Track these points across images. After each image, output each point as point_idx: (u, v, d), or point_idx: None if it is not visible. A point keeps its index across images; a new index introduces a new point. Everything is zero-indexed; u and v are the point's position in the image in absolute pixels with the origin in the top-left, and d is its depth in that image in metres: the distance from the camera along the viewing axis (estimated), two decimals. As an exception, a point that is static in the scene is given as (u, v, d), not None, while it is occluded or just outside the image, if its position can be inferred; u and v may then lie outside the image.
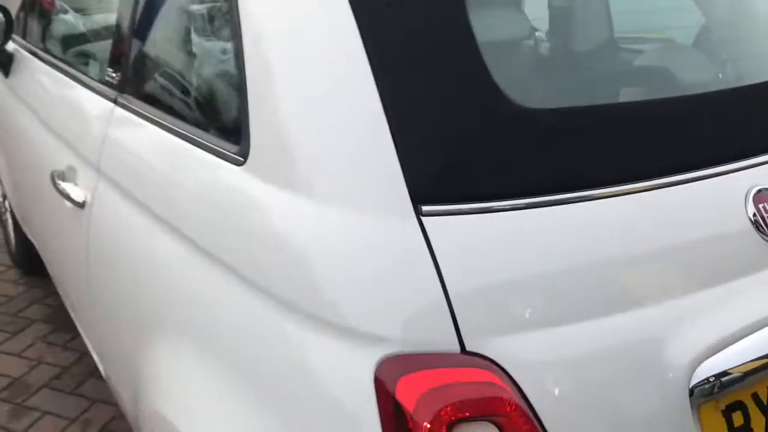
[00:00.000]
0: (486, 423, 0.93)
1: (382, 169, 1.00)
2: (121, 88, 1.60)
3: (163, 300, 1.32)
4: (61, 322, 2.84)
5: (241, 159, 1.15)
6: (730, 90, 1.41)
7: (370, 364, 0.95)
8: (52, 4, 2.38)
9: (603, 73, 1.61)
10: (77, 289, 1.86)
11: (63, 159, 1.80)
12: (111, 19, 1.81)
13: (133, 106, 1.53)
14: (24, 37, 2.48)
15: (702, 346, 1.04)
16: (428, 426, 0.90)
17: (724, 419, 1.07)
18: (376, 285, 0.98)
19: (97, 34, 2.07)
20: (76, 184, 1.70)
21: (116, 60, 1.65)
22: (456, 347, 0.95)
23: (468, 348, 0.95)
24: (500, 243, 0.99)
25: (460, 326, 0.95)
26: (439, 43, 1.05)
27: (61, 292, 2.37)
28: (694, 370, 1.03)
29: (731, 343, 1.06)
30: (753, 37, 1.59)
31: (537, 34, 1.64)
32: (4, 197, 3.15)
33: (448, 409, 0.91)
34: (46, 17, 2.45)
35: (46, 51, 2.24)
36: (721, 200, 1.15)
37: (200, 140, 1.28)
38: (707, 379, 1.04)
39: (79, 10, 2.31)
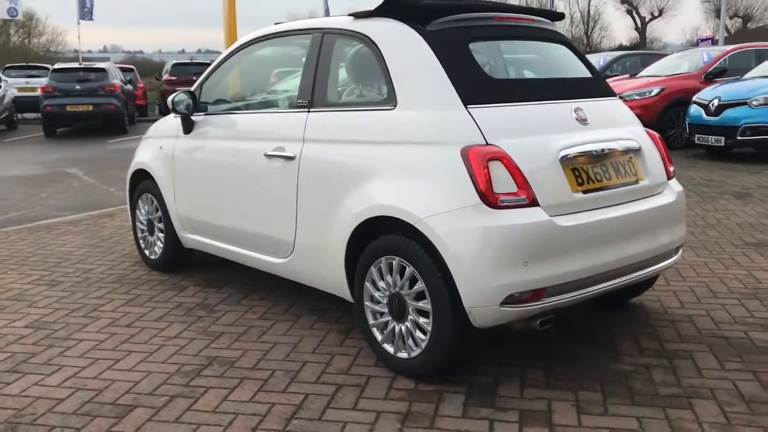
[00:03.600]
0: (499, 162, 2.98)
1: (453, 98, 3.13)
2: (311, 106, 3.67)
3: (369, 170, 3.29)
4: (206, 284, 4.64)
5: (392, 107, 3.26)
6: (560, 78, 3.65)
7: (457, 150, 3.02)
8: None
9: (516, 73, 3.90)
10: (279, 220, 3.77)
11: (271, 145, 3.79)
12: (286, 84, 3.94)
13: (323, 110, 3.60)
14: (209, 106, 4.48)
15: (561, 147, 3.17)
16: (482, 163, 2.95)
17: (572, 173, 3.19)
18: (456, 127, 3.08)
19: (277, 93, 4.18)
20: (284, 151, 3.70)
21: (304, 95, 3.72)
22: (484, 142, 3.04)
23: (488, 142, 3.04)
24: (493, 114, 3.13)
25: (485, 136, 3.05)
26: (463, 56, 3.23)
27: (234, 247, 4.22)
28: (559, 153, 3.15)
29: (569, 147, 3.19)
30: (555, 66, 3.85)
31: (490, 62, 3.85)
32: (151, 230, 4.99)
33: (486, 155, 2.98)
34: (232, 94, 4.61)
35: (237, 109, 4.37)
36: (566, 109, 3.34)
37: (369, 109, 3.38)
38: (562, 156, 3.15)
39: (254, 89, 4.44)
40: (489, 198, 2.94)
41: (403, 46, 3.34)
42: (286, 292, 4.38)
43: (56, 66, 18.11)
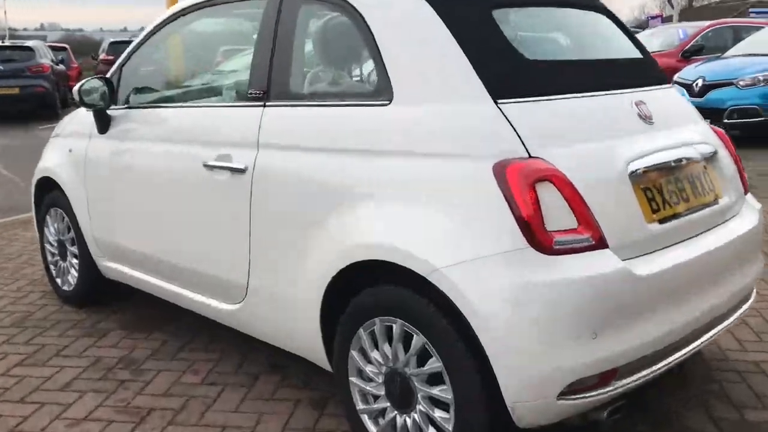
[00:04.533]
0: (550, 184, 2.02)
1: (476, 88, 2.15)
2: (267, 99, 2.64)
3: (354, 192, 2.29)
4: (133, 327, 3.60)
5: (388, 102, 2.26)
6: (611, 60, 2.67)
7: (488, 166, 2.04)
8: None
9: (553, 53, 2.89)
10: (225, 255, 2.75)
11: (213, 153, 2.76)
12: (234, 66, 2.87)
13: (284, 104, 2.58)
14: (130, 96, 3.39)
15: (629, 159, 2.22)
16: (527, 185, 1.98)
17: (642, 192, 2.25)
18: (484, 131, 2.10)
19: (220, 79, 3.11)
20: (231, 161, 2.67)
21: (257, 84, 2.68)
22: (526, 154, 2.06)
23: (531, 154, 2.07)
24: (536, 112, 2.15)
25: (526, 146, 2.07)
26: (487, 28, 2.24)
27: (168, 285, 3.19)
28: (627, 166, 2.20)
29: (639, 158, 2.25)
30: (600, 43, 2.87)
31: (518, 35, 2.87)
32: (63, 254, 3.90)
33: (531, 174, 2.01)
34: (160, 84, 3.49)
35: (167, 101, 3.28)
36: (625, 102, 2.39)
37: (352, 104, 2.37)
38: (632, 171, 2.21)
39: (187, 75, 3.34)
40: (538, 238, 1.99)
41: (400, 14, 2.34)
42: (235, 337, 3.37)
43: (-25, 45, 16.50)
